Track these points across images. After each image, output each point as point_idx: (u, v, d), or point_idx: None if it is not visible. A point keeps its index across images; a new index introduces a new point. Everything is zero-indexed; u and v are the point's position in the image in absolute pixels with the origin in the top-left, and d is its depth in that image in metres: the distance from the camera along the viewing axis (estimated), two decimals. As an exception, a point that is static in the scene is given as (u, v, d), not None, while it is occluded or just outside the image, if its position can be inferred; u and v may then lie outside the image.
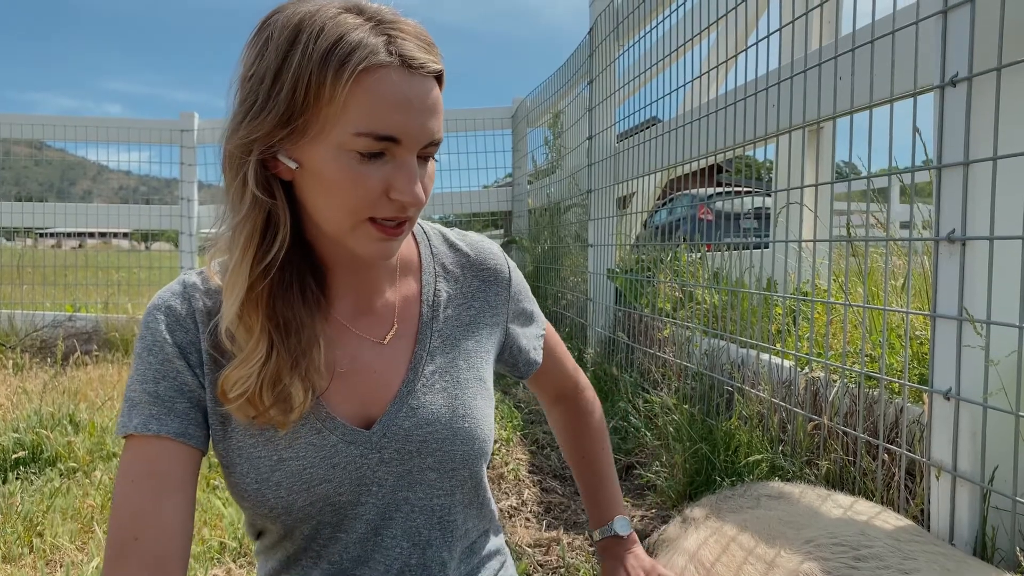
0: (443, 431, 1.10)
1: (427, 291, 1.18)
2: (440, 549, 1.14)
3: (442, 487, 1.12)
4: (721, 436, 2.45)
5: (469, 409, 1.14)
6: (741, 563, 1.45)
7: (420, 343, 1.14)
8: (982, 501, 1.51)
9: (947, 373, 1.58)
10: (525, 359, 1.30)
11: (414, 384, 1.11)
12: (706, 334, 2.93)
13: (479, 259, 1.24)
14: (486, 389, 1.20)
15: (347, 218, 0.97)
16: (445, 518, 1.13)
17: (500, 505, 2.61)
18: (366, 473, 1.07)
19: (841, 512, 1.56)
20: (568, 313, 4.83)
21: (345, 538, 1.09)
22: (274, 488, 1.03)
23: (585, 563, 2.09)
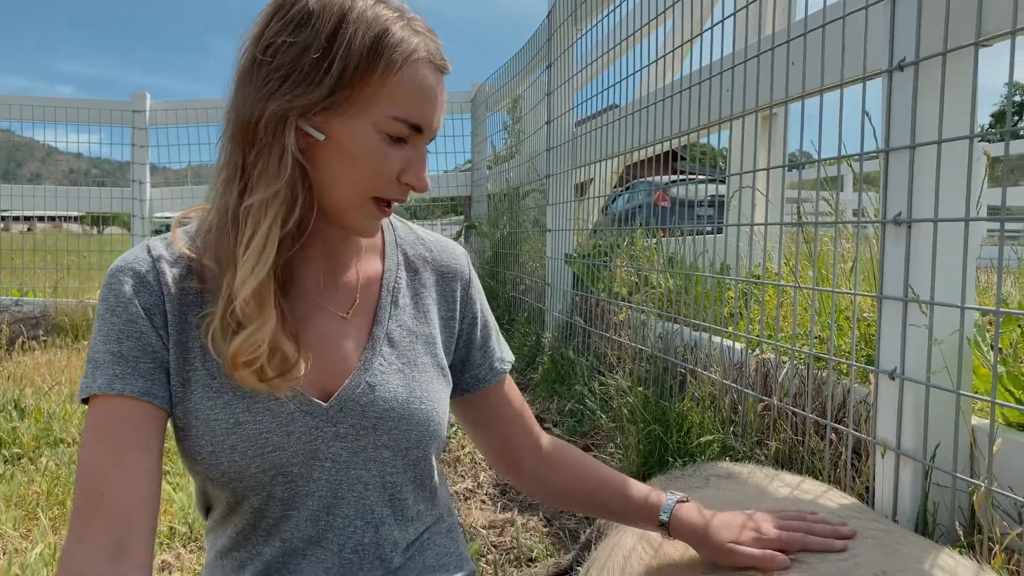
0: (400, 410, 1.11)
1: (389, 276, 1.19)
2: (392, 528, 1.14)
3: (395, 465, 1.12)
4: (674, 417, 2.47)
5: (426, 392, 1.15)
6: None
7: (378, 323, 1.15)
8: (924, 478, 1.55)
9: (892, 353, 1.60)
10: (473, 372, 1.28)
11: (372, 361, 1.12)
12: (661, 318, 2.95)
13: (441, 256, 1.26)
14: (444, 376, 1.21)
15: (359, 193, 1.03)
16: (396, 496, 1.13)
17: (455, 488, 2.61)
18: (320, 447, 1.07)
19: (788, 491, 1.58)
20: (526, 298, 4.83)
21: (296, 516, 1.08)
22: (228, 452, 1.03)
23: (539, 543, 2.10)
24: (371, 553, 1.12)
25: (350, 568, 1.11)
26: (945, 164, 1.49)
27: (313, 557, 1.10)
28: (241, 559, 1.13)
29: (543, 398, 3.65)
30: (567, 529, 2.24)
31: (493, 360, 1.30)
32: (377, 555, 1.13)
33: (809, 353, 1.93)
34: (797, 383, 2.07)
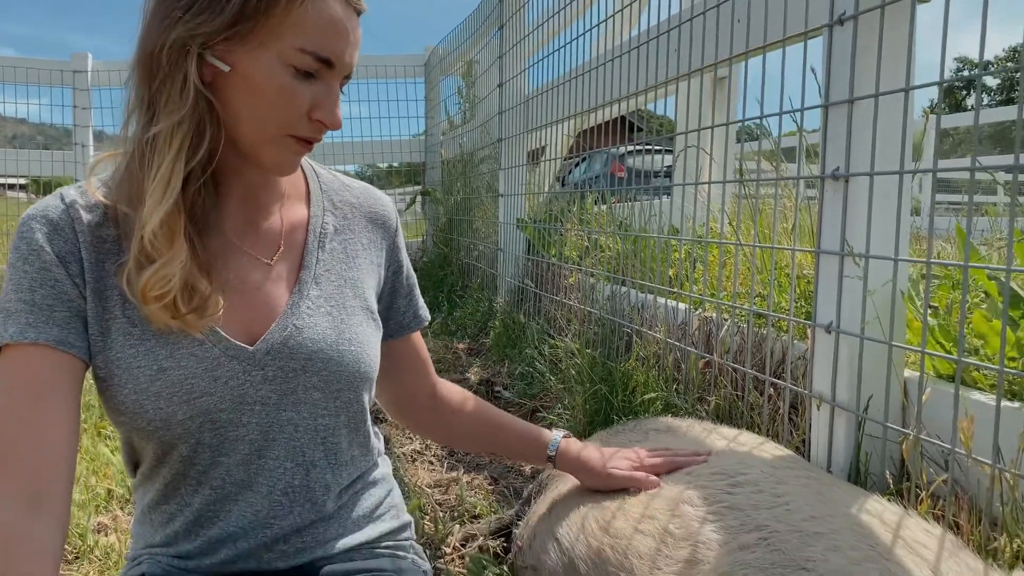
0: (329, 351, 1.10)
1: (315, 221, 1.19)
2: (324, 471, 1.13)
3: (327, 408, 1.12)
4: (620, 377, 2.49)
5: (355, 334, 1.15)
6: (626, 493, 1.48)
7: (305, 268, 1.15)
8: (857, 429, 1.58)
9: (829, 308, 1.62)
10: (398, 320, 1.32)
11: (299, 306, 1.11)
12: (609, 280, 2.96)
13: (368, 203, 1.28)
14: (373, 320, 1.22)
15: (268, 129, 1.01)
16: (329, 439, 1.13)
17: (403, 450, 2.60)
18: (248, 391, 1.05)
19: (724, 444, 1.60)
20: (480, 264, 4.82)
21: (227, 461, 1.07)
22: (153, 399, 1.01)
23: (483, 500, 2.10)
24: (302, 496, 1.11)
25: (279, 510, 1.10)
26: (882, 118, 1.50)
27: (243, 501, 1.09)
28: (170, 511, 1.11)
29: (494, 362, 3.65)
30: (513, 487, 2.24)
31: (418, 308, 1.36)
32: (308, 498, 1.12)
33: (750, 310, 1.95)
34: (738, 340, 2.09)
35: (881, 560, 1.10)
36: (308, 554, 1.12)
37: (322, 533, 1.14)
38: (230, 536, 1.09)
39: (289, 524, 1.11)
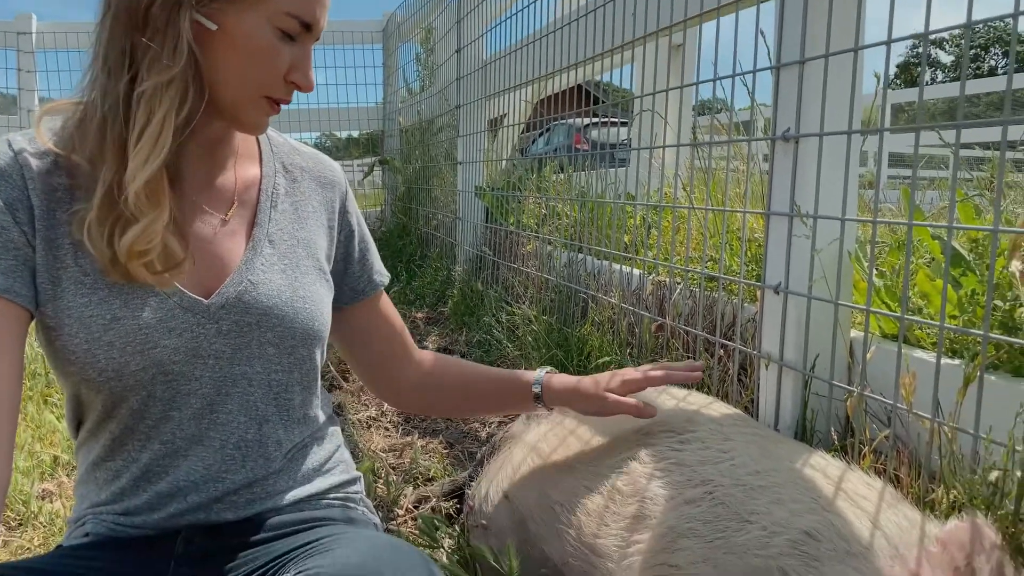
0: (284, 308, 1.11)
1: (267, 181, 1.19)
2: (276, 427, 1.13)
3: (280, 364, 1.12)
4: (575, 342, 2.51)
5: (309, 292, 1.15)
6: (577, 452, 1.48)
7: (258, 226, 1.15)
8: (804, 388, 1.60)
9: (778, 269, 1.64)
10: (352, 285, 1.31)
11: (253, 262, 1.11)
12: (566, 248, 2.96)
13: (318, 167, 1.28)
14: (326, 281, 1.22)
15: (250, 89, 1.03)
16: (282, 395, 1.13)
17: (358, 416, 2.59)
18: (202, 344, 1.05)
19: (675, 403, 1.61)
20: (439, 233, 4.78)
21: (178, 415, 1.06)
22: (106, 348, 0.99)
23: (438, 464, 2.10)
24: (254, 451, 1.11)
25: (232, 464, 1.10)
26: (832, 79, 1.51)
27: (193, 456, 1.08)
28: (116, 468, 1.09)
29: (452, 330, 3.64)
30: (468, 451, 2.25)
31: (372, 273, 1.35)
32: (261, 453, 1.12)
33: (701, 274, 1.96)
34: (690, 304, 2.10)
35: (823, 512, 1.12)
36: (258, 506, 1.12)
37: (272, 486, 1.13)
38: (180, 490, 1.08)
39: (241, 478, 1.10)
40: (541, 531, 1.36)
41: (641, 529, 1.23)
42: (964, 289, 1.47)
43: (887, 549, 1.05)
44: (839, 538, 1.06)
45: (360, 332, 1.36)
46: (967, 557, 0.98)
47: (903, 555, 1.03)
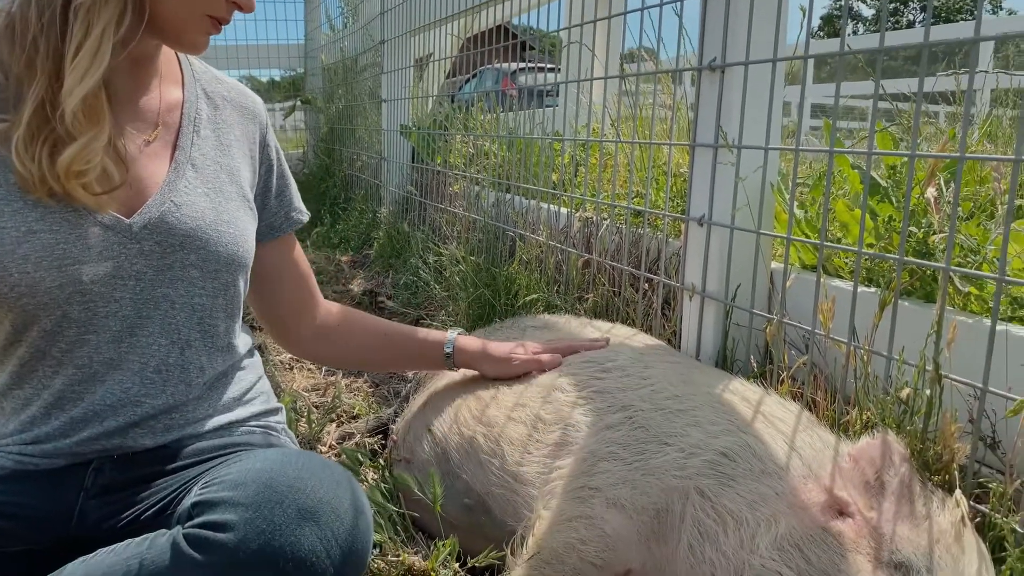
0: (208, 231, 1.10)
1: (189, 106, 1.18)
2: (200, 352, 1.12)
3: (204, 287, 1.11)
4: (503, 281, 2.49)
5: (233, 217, 1.15)
6: (502, 385, 1.47)
7: (181, 149, 1.13)
8: (725, 318, 1.61)
9: (702, 201, 1.64)
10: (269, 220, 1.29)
11: (176, 183, 1.10)
12: (494, 187, 2.92)
13: (239, 97, 1.27)
14: (250, 209, 1.21)
15: (197, 7, 1.03)
16: (206, 320, 1.12)
17: (281, 358, 2.52)
18: (123, 264, 1.03)
19: (598, 335, 1.61)
20: (363, 175, 4.67)
21: (95, 339, 1.04)
22: (20, 262, 0.97)
23: (362, 401, 2.06)
24: (176, 375, 1.09)
25: (152, 388, 1.07)
26: (757, 8, 1.49)
27: (111, 380, 1.05)
28: (25, 396, 1.06)
29: (378, 273, 3.58)
30: (394, 391, 2.21)
31: (291, 210, 1.34)
32: (182, 378, 1.10)
33: (627, 208, 1.95)
34: (616, 240, 2.10)
35: (739, 434, 1.13)
36: (177, 432, 1.10)
37: (192, 412, 1.12)
38: (96, 415, 1.05)
39: (161, 403, 1.08)
40: (463, 462, 1.35)
41: (563, 455, 1.22)
42: (881, 216, 1.49)
43: (801, 468, 1.07)
44: (754, 458, 1.08)
45: (270, 273, 1.34)
46: (877, 472, 1.00)
47: (817, 473, 1.05)
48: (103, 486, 1.05)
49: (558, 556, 1.05)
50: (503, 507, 1.26)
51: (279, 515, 0.87)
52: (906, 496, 0.98)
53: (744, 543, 0.96)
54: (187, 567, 0.85)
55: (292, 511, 0.87)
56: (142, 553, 0.89)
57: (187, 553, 0.86)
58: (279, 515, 0.87)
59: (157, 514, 1.03)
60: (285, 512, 0.87)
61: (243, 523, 0.86)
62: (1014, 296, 1.28)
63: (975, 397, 1.11)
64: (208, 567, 0.85)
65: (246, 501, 0.87)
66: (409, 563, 1.25)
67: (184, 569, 0.85)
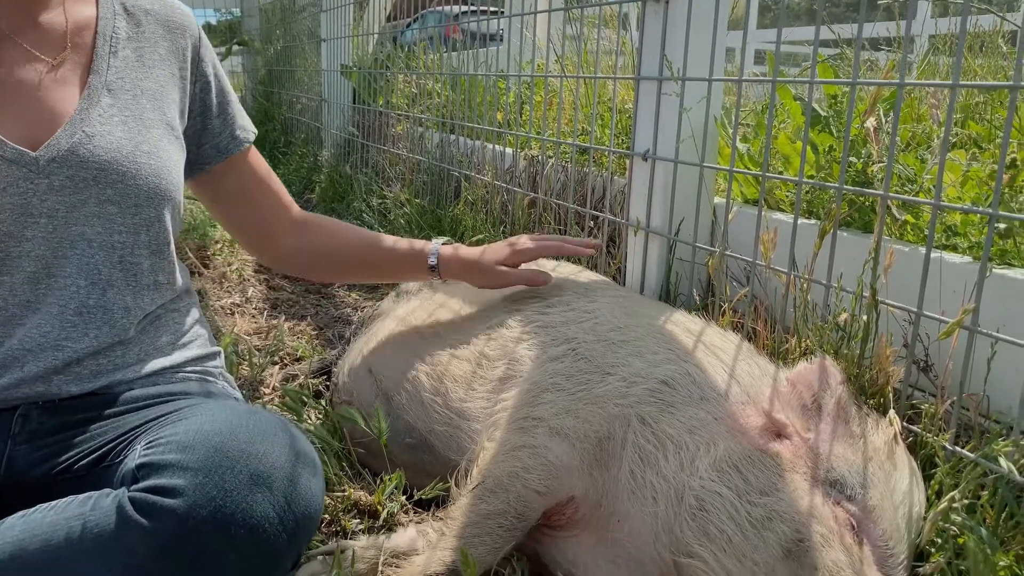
0: (125, 163, 1.03)
1: (105, 24, 1.09)
2: (123, 292, 1.06)
3: (124, 224, 1.04)
4: (448, 222, 2.46)
5: (155, 148, 1.07)
6: (445, 322, 1.45)
7: (95, 73, 1.06)
8: (669, 252, 1.62)
9: (646, 135, 1.62)
10: (213, 142, 1.23)
11: (89, 112, 1.03)
12: (438, 128, 2.87)
13: (165, 10, 1.18)
14: (176, 138, 1.14)
15: None
16: (127, 258, 1.06)
17: (221, 303, 2.46)
18: (32, 201, 0.97)
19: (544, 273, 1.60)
20: (303, 118, 4.55)
21: (9, 280, 0.99)
22: None
23: (307, 344, 2.03)
24: (98, 317, 1.04)
25: (73, 332, 1.02)
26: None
27: (29, 323, 1.00)
28: None
29: (321, 217, 3.51)
30: (339, 334, 2.18)
31: (235, 128, 1.27)
32: (106, 320, 1.04)
33: (572, 146, 1.93)
34: (562, 178, 2.08)
35: (680, 362, 1.13)
36: (105, 378, 1.04)
37: (121, 357, 1.06)
38: (15, 360, 0.99)
39: (84, 347, 1.02)
40: (405, 402, 1.33)
41: (507, 389, 1.22)
42: (821, 148, 1.50)
43: (740, 394, 1.08)
44: (694, 385, 1.09)
45: (231, 192, 1.28)
46: (814, 395, 1.02)
47: (755, 398, 1.07)
48: (31, 432, 1.00)
49: (502, 485, 1.05)
50: (446, 443, 1.25)
51: (231, 481, 0.83)
52: (842, 417, 1.00)
53: (684, 466, 0.97)
54: (133, 532, 0.81)
55: (244, 477, 0.84)
56: (85, 514, 0.85)
57: (133, 518, 0.82)
58: (231, 481, 0.83)
59: (93, 464, 0.99)
60: (237, 478, 0.84)
61: (193, 488, 0.82)
62: (948, 224, 1.30)
63: (910, 322, 1.13)
64: (155, 533, 0.81)
65: (195, 465, 0.84)
66: (356, 498, 1.24)
67: (130, 534, 0.82)
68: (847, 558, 0.88)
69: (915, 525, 0.96)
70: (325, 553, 1.08)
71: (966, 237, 1.26)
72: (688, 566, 0.90)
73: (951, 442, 1.04)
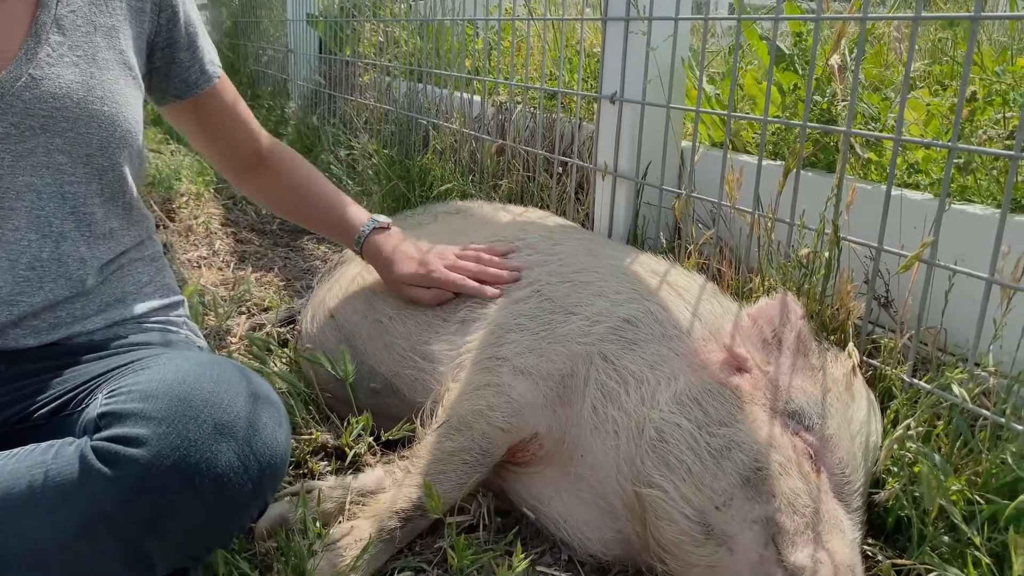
0: (75, 109, 0.97)
1: None
2: (77, 244, 1.02)
3: (75, 174, 1.00)
4: (417, 172, 2.43)
5: (110, 92, 1.01)
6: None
7: (44, 7, 0.98)
8: (636, 196, 1.61)
9: (613, 78, 1.60)
10: (183, 76, 1.18)
11: (36, 52, 0.96)
12: (406, 76, 2.82)
13: None
14: (133, 77, 1.08)
15: None
16: (80, 209, 1.01)
17: (188, 256, 2.43)
18: None
19: (511, 218, 1.59)
20: (270, 70, 4.45)
21: None
22: None
23: (275, 295, 2.02)
24: (52, 271, 1.00)
25: (27, 286, 0.98)
26: None
27: None
28: None
29: (289, 171, 3.45)
30: (307, 286, 2.17)
31: (204, 63, 1.21)
32: (62, 273, 1.01)
33: (540, 90, 1.91)
34: (531, 124, 2.06)
35: (643, 301, 1.14)
36: (64, 330, 1.02)
37: (80, 309, 1.03)
38: None
39: (40, 300, 0.99)
40: (368, 347, 1.33)
41: (472, 331, 1.22)
42: (786, 86, 1.49)
43: (702, 331, 1.09)
44: (656, 323, 1.09)
45: (203, 123, 1.26)
46: (775, 330, 1.03)
47: (717, 335, 1.07)
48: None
49: (466, 423, 1.05)
50: (412, 387, 1.25)
51: (194, 430, 0.82)
52: (801, 351, 1.01)
53: (645, 400, 0.98)
54: (96, 481, 0.80)
55: (208, 426, 0.83)
56: (47, 463, 0.83)
57: (96, 467, 0.80)
58: (194, 430, 0.82)
59: (54, 412, 0.97)
60: (201, 428, 0.83)
61: (156, 438, 0.81)
62: (911, 162, 1.31)
63: (871, 258, 1.14)
64: (118, 482, 0.80)
65: (158, 415, 0.82)
66: (323, 440, 1.24)
67: (92, 483, 0.80)
68: (804, 485, 0.90)
69: (872, 454, 0.98)
70: (292, 494, 1.09)
71: (928, 174, 1.26)
72: (648, 496, 0.91)
73: (909, 374, 1.05)
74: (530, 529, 1.10)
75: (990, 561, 0.85)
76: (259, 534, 1.02)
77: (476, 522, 1.09)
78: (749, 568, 0.86)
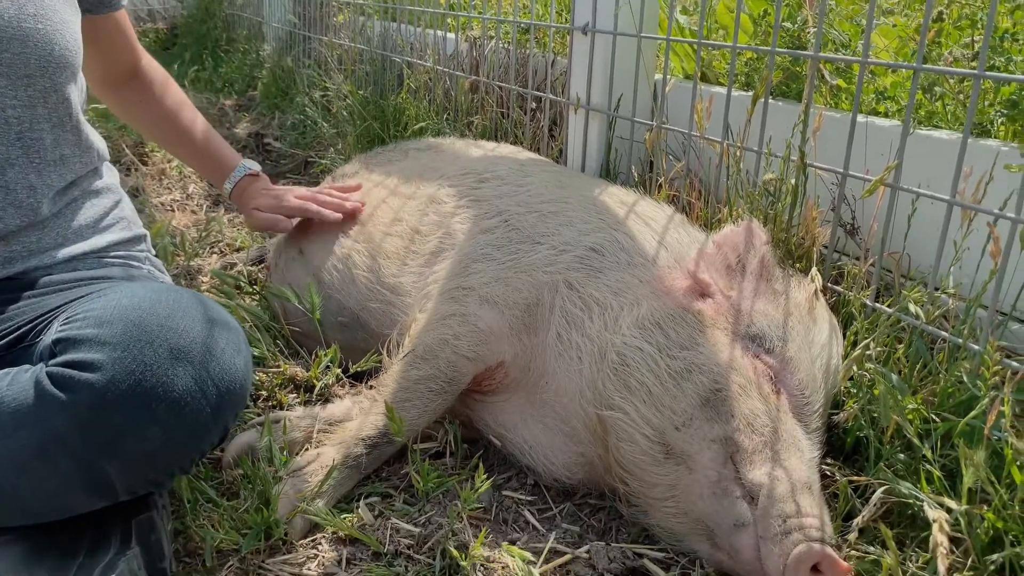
0: (8, 30, 0.94)
1: None
2: (25, 171, 0.99)
3: (17, 97, 0.97)
4: (391, 112, 2.39)
5: (43, 11, 0.98)
6: (380, 202, 1.43)
7: None
8: (608, 129, 1.60)
9: (586, 8, 1.57)
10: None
11: None
12: (380, 15, 2.77)
13: None
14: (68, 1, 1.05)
15: None
16: (26, 134, 0.99)
17: (161, 199, 2.40)
18: None
19: (481, 153, 1.57)
20: (245, 13, 4.35)
21: None
22: None
23: (247, 235, 2.00)
24: (0, 199, 0.97)
25: None
26: None
27: None
28: None
29: (264, 115, 3.40)
30: (280, 228, 2.15)
31: None
32: (11, 202, 0.98)
33: (513, 23, 1.87)
34: (504, 60, 2.03)
35: (609, 231, 1.13)
36: (20, 263, 1.00)
37: (36, 242, 1.01)
38: None
39: None
40: (336, 281, 1.32)
41: (440, 262, 1.21)
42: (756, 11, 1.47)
43: (667, 259, 1.08)
44: (622, 251, 1.09)
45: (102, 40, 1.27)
46: (739, 256, 1.03)
47: (682, 263, 1.07)
48: None
49: (432, 351, 1.05)
50: (380, 320, 1.25)
51: (149, 355, 0.82)
52: (765, 276, 1.01)
53: (608, 325, 0.98)
54: (51, 407, 0.80)
55: (164, 351, 0.82)
56: (2, 389, 0.83)
57: (51, 392, 0.80)
58: (149, 355, 0.82)
59: (12, 344, 0.96)
60: (156, 352, 0.82)
61: (111, 363, 0.80)
62: (879, 89, 1.30)
63: (837, 184, 1.14)
64: (73, 407, 0.79)
65: (113, 340, 0.81)
66: (292, 373, 1.24)
67: (48, 409, 0.80)
68: (763, 406, 0.91)
69: (832, 376, 0.99)
70: (260, 425, 1.09)
71: (896, 101, 1.25)
72: (610, 418, 0.92)
73: (871, 299, 1.06)
74: (497, 456, 1.12)
75: (942, 476, 0.87)
76: (226, 462, 1.03)
77: (443, 449, 1.10)
78: (708, 486, 0.87)
